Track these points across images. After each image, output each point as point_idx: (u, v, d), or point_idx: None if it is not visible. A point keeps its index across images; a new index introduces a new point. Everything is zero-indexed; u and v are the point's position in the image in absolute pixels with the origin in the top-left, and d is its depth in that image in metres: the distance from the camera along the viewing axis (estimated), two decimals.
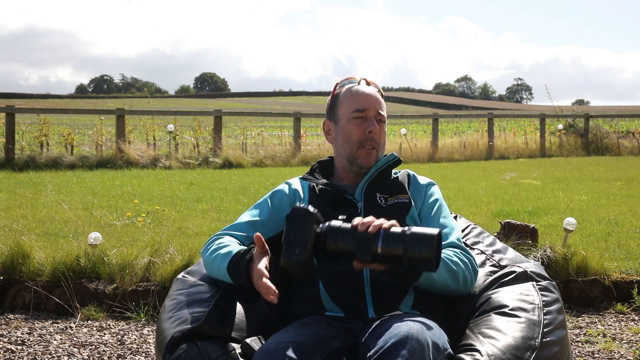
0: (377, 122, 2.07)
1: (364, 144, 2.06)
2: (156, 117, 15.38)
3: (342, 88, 2.13)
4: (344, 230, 1.71)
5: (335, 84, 2.16)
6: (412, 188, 2.11)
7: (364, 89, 2.11)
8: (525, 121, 21.58)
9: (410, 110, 54.78)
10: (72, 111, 16.57)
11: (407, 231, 1.67)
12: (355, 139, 2.07)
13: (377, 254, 1.67)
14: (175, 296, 1.97)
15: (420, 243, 1.64)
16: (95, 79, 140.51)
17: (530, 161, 14.28)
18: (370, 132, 2.05)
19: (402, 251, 1.65)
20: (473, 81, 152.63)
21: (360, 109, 2.07)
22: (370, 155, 2.07)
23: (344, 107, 2.10)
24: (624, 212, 6.31)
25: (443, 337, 1.71)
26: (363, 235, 1.69)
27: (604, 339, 3.38)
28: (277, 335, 1.73)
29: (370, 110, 2.07)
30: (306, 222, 1.71)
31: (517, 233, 4.15)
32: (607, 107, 65.60)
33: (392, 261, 1.67)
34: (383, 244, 1.67)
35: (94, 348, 3.27)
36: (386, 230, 1.68)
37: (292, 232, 1.70)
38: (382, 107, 2.10)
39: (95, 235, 4.08)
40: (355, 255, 1.69)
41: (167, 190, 8.10)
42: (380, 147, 2.09)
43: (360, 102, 2.08)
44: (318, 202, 2.06)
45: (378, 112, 2.08)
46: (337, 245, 1.70)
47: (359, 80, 2.13)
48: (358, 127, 2.07)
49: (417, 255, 1.64)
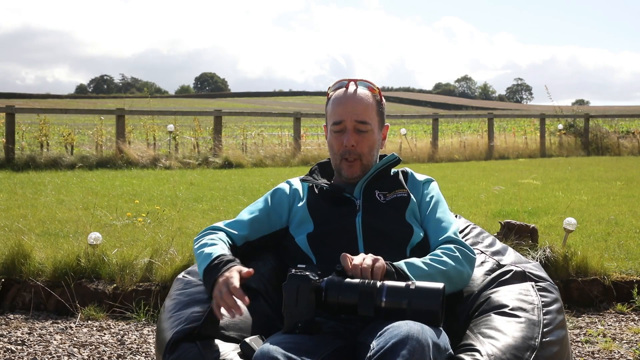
0: (356, 132, 2.02)
1: (345, 156, 2.05)
2: (156, 117, 15.38)
3: (332, 93, 2.11)
4: (345, 285, 1.70)
5: (328, 88, 2.14)
6: (410, 184, 2.12)
7: (346, 97, 2.05)
8: (525, 121, 21.59)
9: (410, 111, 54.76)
10: (72, 111, 16.55)
11: (412, 285, 1.67)
12: (337, 152, 2.06)
13: (381, 307, 1.67)
14: (176, 296, 1.98)
15: (425, 298, 1.65)
16: (95, 79, 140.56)
17: (530, 161, 14.27)
18: (346, 146, 2.03)
19: (406, 305, 1.65)
20: (473, 81, 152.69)
21: (337, 122, 2.04)
22: (353, 167, 2.05)
23: (328, 117, 2.09)
24: (624, 212, 6.31)
25: (443, 337, 1.71)
26: (365, 289, 1.68)
27: (604, 339, 3.38)
28: (277, 335, 1.73)
29: (346, 121, 2.02)
30: (306, 291, 1.68)
31: (517, 233, 4.15)
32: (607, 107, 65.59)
33: (395, 312, 1.67)
34: (387, 298, 1.67)
35: (94, 348, 3.27)
36: (389, 286, 1.68)
37: (293, 304, 1.69)
38: (363, 114, 2.03)
39: (96, 235, 4.08)
40: (358, 310, 1.69)
41: (167, 190, 8.10)
42: (365, 156, 2.05)
43: (337, 114, 2.04)
44: (317, 202, 2.07)
45: (355, 121, 2.02)
46: (339, 300, 1.70)
47: (347, 84, 2.08)
48: (337, 140, 2.05)
49: (423, 309, 1.65)
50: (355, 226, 1.98)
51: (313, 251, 1.99)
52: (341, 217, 2.00)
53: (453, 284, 1.92)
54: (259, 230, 2.07)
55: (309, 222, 2.04)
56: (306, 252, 2.00)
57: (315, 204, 2.06)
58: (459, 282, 1.95)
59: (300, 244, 2.01)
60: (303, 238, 2.01)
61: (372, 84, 2.11)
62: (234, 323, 1.85)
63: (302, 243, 2.01)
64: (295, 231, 2.05)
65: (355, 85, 2.08)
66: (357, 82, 2.09)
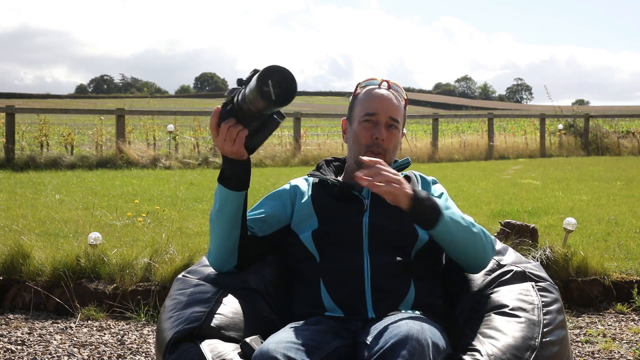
0: (387, 127, 2.05)
1: (371, 149, 2.05)
2: (156, 117, 15.38)
3: (362, 89, 2.13)
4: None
5: (357, 84, 2.16)
6: (420, 187, 2.12)
7: (380, 92, 2.09)
8: (525, 121, 21.58)
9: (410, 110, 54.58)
10: (72, 111, 16.56)
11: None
12: (363, 143, 2.06)
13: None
14: (176, 296, 1.97)
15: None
16: (95, 79, 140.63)
17: (530, 161, 14.27)
18: (377, 138, 2.04)
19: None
20: (473, 81, 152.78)
21: (370, 113, 2.06)
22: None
23: (358, 109, 2.10)
24: (624, 212, 6.31)
25: (443, 337, 1.71)
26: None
27: (604, 339, 3.38)
28: (277, 335, 1.73)
29: (380, 115, 2.05)
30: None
31: (517, 233, 4.15)
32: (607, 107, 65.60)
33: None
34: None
35: (94, 348, 3.27)
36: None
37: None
38: (395, 112, 2.07)
39: (95, 235, 4.08)
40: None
41: (167, 190, 8.10)
42: (389, 153, 2.07)
43: (371, 106, 2.06)
44: (323, 198, 2.06)
45: (389, 117, 2.05)
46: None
47: (380, 83, 2.11)
48: (367, 131, 2.06)
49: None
50: (362, 225, 1.97)
51: (317, 249, 1.98)
52: (348, 216, 2.00)
53: (475, 248, 1.92)
54: (263, 230, 2.06)
55: (313, 218, 2.03)
56: (310, 249, 1.99)
57: (320, 200, 2.06)
58: (480, 251, 1.94)
59: (305, 241, 2.00)
60: (308, 235, 2.00)
61: (401, 89, 2.14)
62: (234, 323, 1.85)
63: (307, 240, 2.00)
64: (299, 227, 2.04)
65: (388, 84, 2.11)
66: (390, 83, 2.12)
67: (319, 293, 1.92)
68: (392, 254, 1.92)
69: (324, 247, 1.98)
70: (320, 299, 1.92)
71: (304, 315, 1.90)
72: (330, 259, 1.95)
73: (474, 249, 1.92)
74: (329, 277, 1.93)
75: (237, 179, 1.90)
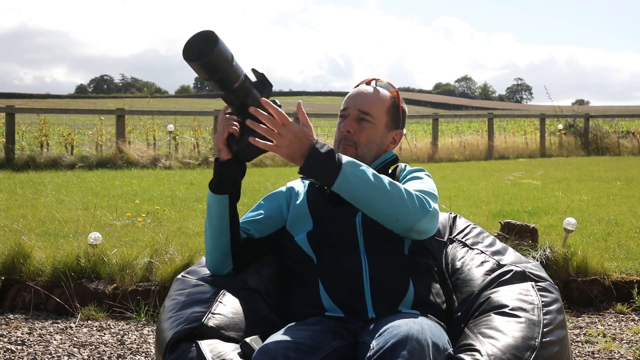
0: (358, 120, 2.06)
1: (341, 142, 2.07)
2: (156, 117, 15.38)
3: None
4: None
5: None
6: (402, 175, 2.12)
7: (359, 88, 2.13)
8: (525, 121, 21.58)
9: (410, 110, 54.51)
10: (72, 111, 16.54)
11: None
12: (337, 138, 2.11)
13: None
14: (175, 296, 1.97)
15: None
16: (95, 79, 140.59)
17: (530, 161, 14.27)
18: (342, 131, 2.07)
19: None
20: (473, 81, 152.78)
21: (342, 108, 2.12)
22: (346, 152, 2.04)
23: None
24: (624, 212, 6.31)
25: (443, 337, 1.71)
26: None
27: (604, 339, 3.38)
28: (277, 335, 1.73)
29: (350, 108, 2.08)
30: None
31: (517, 233, 4.15)
32: (607, 107, 65.59)
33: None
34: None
35: (94, 348, 3.27)
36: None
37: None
38: (367, 105, 2.06)
39: (95, 235, 4.08)
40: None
41: (167, 190, 8.11)
42: (360, 146, 2.05)
43: (344, 102, 2.12)
44: (317, 199, 2.06)
45: (358, 110, 2.07)
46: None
47: (369, 81, 2.15)
48: (338, 127, 2.11)
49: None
50: (355, 226, 1.97)
51: (314, 250, 1.98)
52: (341, 216, 2.00)
53: (389, 208, 1.81)
54: (261, 232, 2.06)
55: (307, 219, 2.03)
56: (306, 251, 1.99)
57: (315, 202, 2.06)
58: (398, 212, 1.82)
59: (300, 242, 2.00)
60: (303, 237, 2.00)
61: (392, 86, 2.14)
62: (233, 323, 1.85)
63: (302, 242, 2.00)
64: (294, 229, 2.04)
65: (374, 83, 2.14)
66: (377, 81, 2.14)
67: (318, 293, 1.92)
68: (387, 252, 1.92)
69: (320, 248, 1.98)
70: (320, 300, 1.92)
71: (303, 315, 1.90)
72: (328, 259, 1.95)
73: (388, 209, 1.81)
74: (328, 277, 1.93)
75: (217, 180, 1.91)
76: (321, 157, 1.77)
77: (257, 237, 2.04)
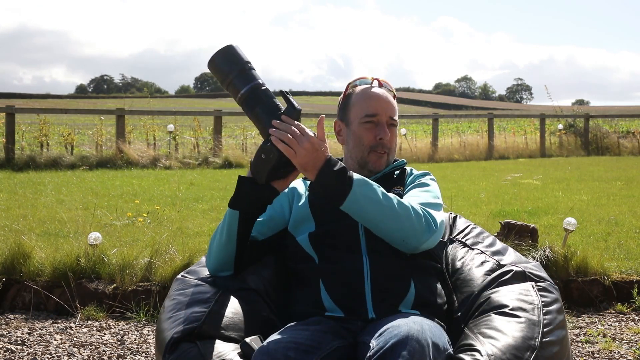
0: (388, 126, 2.08)
1: (375, 149, 2.07)
2: (156, 117, 15.37)
3: (355, 88, 2.14)
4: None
5: (347, 84, 2.16)
6: (409, 180, 2.12)
7: (377, 91, 2.10)
8: (525, 121, 21.58)
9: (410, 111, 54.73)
10: (72, 111, 16.54)
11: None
12: (366, 144, 2.07)
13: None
14: (175, 296, 1.97)
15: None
16: (95, 79, 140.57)
17: (530, 161, 14.27)
18: (382, 139, 2.06)
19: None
20: (473, 81, 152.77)
21: (371, 114, 2.07)
22: (381, 159, 2.08)
23: (355, 110, 2.10)
24: (624, 212, 6.31)
25: (443, 337, 1.71)
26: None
27: (604, 339, 3.38)
28: (277, 335, 1.73)
29: (381, 115, 2.07)
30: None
31: (517, 233, 4.15)
32: (607, 107, 65.59)
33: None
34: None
35: (94, 348, 3.27)
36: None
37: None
38: (394, 111, 2.10)
39: (95, 235, 4.08)
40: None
41: (167, 190, 8.10)
42: (391, 152, 2.10)
43: (371, 107, 2.08)
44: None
45: (389, 117, 2.08)
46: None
47: (372, 81, 2.13)
48: (369, 132, 2.07)
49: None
50: (357, 226, 1.97)
51: (315, 251, 1.98)
52: (344, 217, 2.00)
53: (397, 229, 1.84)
54: (264, 232, 2.06)
55: (310, 220, 2.03)
56: (308, 251, 1.99)
57: (316, 203, 2.06)
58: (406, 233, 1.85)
59: (302, 243, 2.00)
60: (305, 237, 2.00)
61: (391, 86, 2.16)
62: (233, 323, 1.85)
63: (304, 242, 2.00)
64: (296, 230, 2.04)
65: (380, 83, 2.13)
66: (381, 81, 2.14)
67: (319, 293, 1.92)
68: (389, 253, 1.92)
69: (322, 249, 1.98)
70: (320, 300, 1.92)
71: (304, 315, 1.90)
72: (330, 260, 1.95)
73: (395, 232, 1.84)
74: (329, 278, 1.93)
75: (234, 194, 1.91)
76: (333, 174, 1.79)
77: (261, 239, 2.04)
